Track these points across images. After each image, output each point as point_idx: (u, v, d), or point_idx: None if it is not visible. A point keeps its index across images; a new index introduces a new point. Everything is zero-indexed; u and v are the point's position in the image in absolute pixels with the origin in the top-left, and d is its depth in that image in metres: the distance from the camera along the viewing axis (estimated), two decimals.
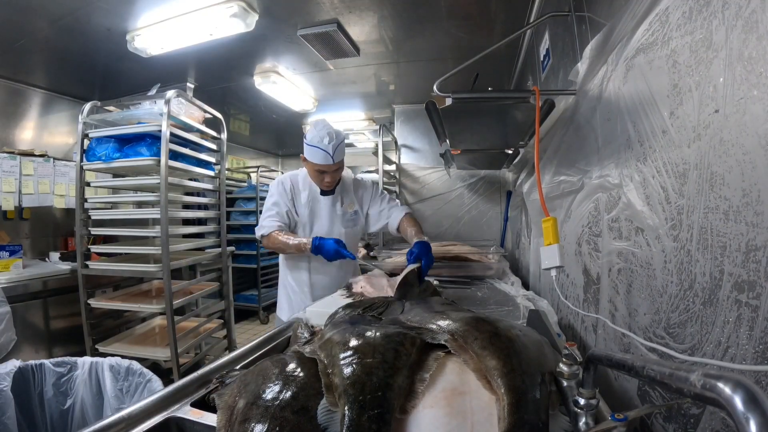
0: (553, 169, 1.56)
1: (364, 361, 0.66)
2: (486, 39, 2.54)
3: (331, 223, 1.91)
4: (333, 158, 1.73)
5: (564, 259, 1.02)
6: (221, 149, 2.93)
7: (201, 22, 2.23)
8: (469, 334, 0.71)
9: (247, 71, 3.15)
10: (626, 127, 0.94)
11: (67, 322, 2.63)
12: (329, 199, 1.91)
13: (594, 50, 1.10)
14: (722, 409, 0.33)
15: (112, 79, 3.15)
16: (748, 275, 0.54)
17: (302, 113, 4.17)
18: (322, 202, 1.90)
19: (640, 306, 0.88)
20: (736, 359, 0.57)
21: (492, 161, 3.64)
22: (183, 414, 0.75)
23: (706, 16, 0.64)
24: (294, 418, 0.61)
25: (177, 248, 2.58)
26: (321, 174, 1.79)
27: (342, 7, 2.22)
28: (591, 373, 0.59)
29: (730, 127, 0.58)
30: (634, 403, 0.87)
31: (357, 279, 1.64)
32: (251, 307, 5.01)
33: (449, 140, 2.45)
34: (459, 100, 1.34)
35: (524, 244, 2.62)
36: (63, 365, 1.76)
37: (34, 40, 2.47)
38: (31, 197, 2.89)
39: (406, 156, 4.04)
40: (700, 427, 0.64)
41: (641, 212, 0.86)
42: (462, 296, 1.64)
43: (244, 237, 4.99)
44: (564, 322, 1.47)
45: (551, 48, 1.76)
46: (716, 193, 0.62)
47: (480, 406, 0.61)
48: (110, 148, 2.46)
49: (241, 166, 5.67)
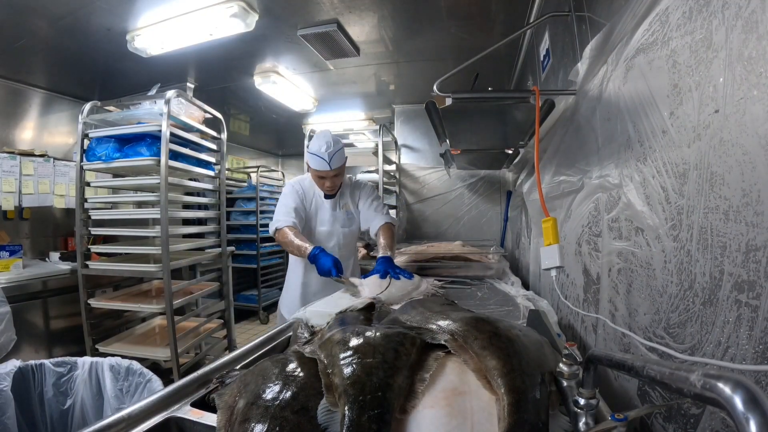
0: (553, 169, 1.56)
1: (364, 361, 0.65)
2: (486, 39, 2.54)
3: (331, 224, 2.05)
4: (330, 165, 1.86)
5: (564, 259, 1.02)
6: (221, 149, 2.93)
7: (201, 22, 2.23)
8: (469, 334, 0.71)
9: (247, 71, 3.16)
10: (626, 127, 0.94)
11: (67, 322, 2.63)
12: (331, 202, 2.05)
13: (594, 50, 1.10)
14: (722, 409, 0.33)
15: (112, 79, 3.15)
16: (748, 275, 0.54)
17: (302, 113, 4.17)
18: (324, 204, 2.05)
19: (640, 306, 0.88)
20: (736, 359, 0.57)
21: (492, 161, 3.63)
22: (183, 414, 0.75)
23: (706, 16, 0.64)
24: (294, 418, 0.61)
25: (177, 248, 2.58)
26: (321, 179, 1.94)
27: (342, 7, 2.22)
28: (591, 373, 0.59)
29: (730, 127, 0.58)
30: (634, 403, 0.87)
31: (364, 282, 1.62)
32: (251, 307, 5.01)
33: (449, 140, 2.45)
34: (459, 100, 1.34)
35: (524, 244, 2.62)
36: (63, 365, 1.75)
37: (34, 40, 2.47)
38: (31, 197, 2.89)
39: (406, 156, 4.03)
40: (700, 427, 0.64)
41: (641, 212, 0.86)
42: (462, 296, 1.65)
43: (244, 237, 4.99)
44: (564, 322, 1.47)
45: (551, 48, 1.76)
46: (716, 193, 0.62)
47: (480, 406, 0.61)
48: (110, 148, 2.46)
49: (241, 166, 5.67)
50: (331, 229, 2.05)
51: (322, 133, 1.91)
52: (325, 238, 2.04)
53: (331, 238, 2.06)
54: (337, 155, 1.87)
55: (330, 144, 1.84)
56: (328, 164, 1.85)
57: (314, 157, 1.87)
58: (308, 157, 1.92)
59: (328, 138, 1.86)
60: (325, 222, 2.04)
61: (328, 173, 1.88)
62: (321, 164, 1.86)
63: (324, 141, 1.85)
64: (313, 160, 1.88)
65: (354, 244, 2.21)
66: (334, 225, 2.05)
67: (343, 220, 2.07)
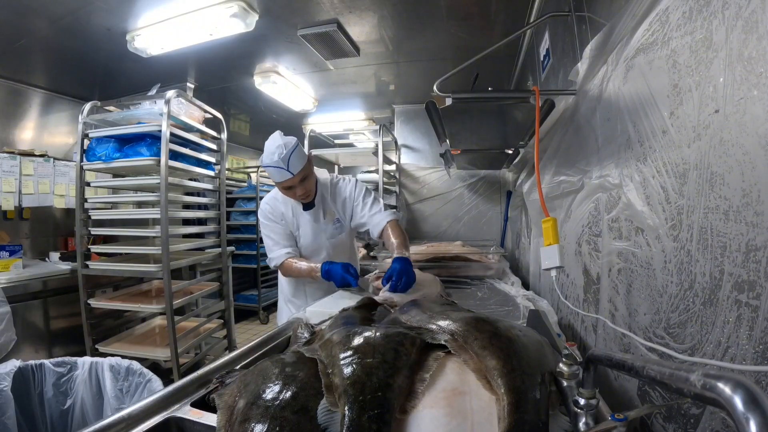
0: (553, 169, 1.56)
1: (364, 361, 0.65)
2: (486, 39, 2.54)
3: (315, 237, 1.86)
4: (290, 170, 1.62)
5: (564, 259, 1.02)
6: (221, 149, 2.93)
7: (201, 22, 2.23)
8: (469, 334, 0.71)
9: (247, 71, 3.15)
10: (626, 127, 0.94)
11: (67, 322, 2.63)
12: (311, 213, 1.84)
13: (594, 50, 1.10)
14: (722, 409, 0.33)
15: (112, 79, 3.15)
16: (748, 275, 0.54)
17: (302, 113, 4.17)
18: (304, 216, 1.84)
19: (640, 306, 0.88)
20: (736, 359, 0.57)
21: (492, 161, 3.64)
22: (183, 414, 0.75)
23: (706, 16, 0.64)
24: (294, 418, 0.61)
25: (177, 248, 2.58)
26: (289, 190, 1.71)
27: (342, 7, 2.22)
28: (591, 373, 0.59)
29: (730, 127, 0.58)
30: (634, 403, 0.87)
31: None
32: (251, 307, 5.01)
33: (449, 140, 2.45)
34: (459, 100, 1.34)
35: (524, 244, 2.62)
36: (63, 365, 1.75)
37: (34, 40, 2.47)
38: (31, 197, 2.89)
39: (406, 156, 4.03)
40: (700, 427, 0.64)
41: (641, 212, 0.86)
42: (462, 296, 1.65)
43: (244, 237, 4.99)
44: (564, 322, 1.47)
45: (551, 48, 1.76)
46: (716, 193, 0.62)
47: (480, 406, 0.61)
48: (110, 148, 2.46)
49: (241, 166, 5.66)
50: (316, 244, 1.86)
51: (271, 138, 1.68)
52: (312, 254, 1.87)
53: (320, 252, 1.87)
54: (294, 156, 1.62)
55: (282, 147, 1.60)
56: (287, 171, 1.62)
57: (271, 170, 1.64)
58: (267, 172, 1.70)
59: (278, 142, 1.63)
60: (309, 237, 1.85)
61: (293, 180, 1.65)
62: (281, 174, 1.63)
63: (275, 147, 1.61)
64: (272, 174, 1.66)
65: (349, 249, 2.03)
66: (319, 238, 1.86)
67: (328, 231, 1.86)
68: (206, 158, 2.80)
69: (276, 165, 1.61)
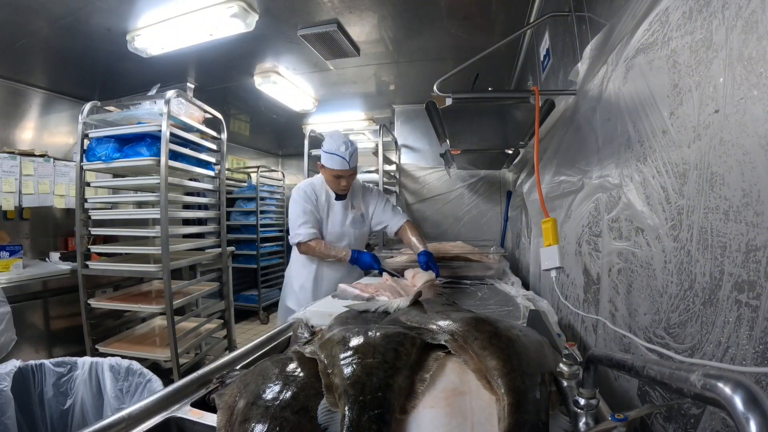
0: (553, 169, 1.56)
1: (364, 361, 0.65)
2: (486, 39, 2.54)
3: (342, 225, 2.09)
4: (349, 164, 1.92)
5: (564, 259, 1.02)
6: (221, 149, 2.92)
7: (201, 22, 2.23)
8: (469, 334, 0.71)
9: (247, 71, 3.15)
10: (626, 127, 0.94)
11: (67, 322, 2.62)
12: (341, 203, 2.09)
13: (594, 50, 1.10)
14: (722, 409, 0.33)
15: (112, 79, 3.15)
16: (748, 275, 0.54)
17: (302, 113, 4.17)
18: (336, 206, 2.09)
19: (640, 306, 0.88)
20: (736, 359, 0.57)
21: (492, 161, 3.64)
22: (183, 414, 0.75)
23: (706, 16, 0.64)
24: (294, 418, 0.60)
25: (177, 248, 2.58)
26: (338, 179, 1.98)
27: (342, 7, 2.22)
28: (591, 373, 0.59)
29: (730, 127, 0.58)
30: (634, 403, 0.87)
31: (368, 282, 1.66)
32: (251, 307, 5.00)
33: (449, 140, 2.45)
34: (459, 100, 1.34)
35: (524, 245, 2.62)
36: (63, 365, 1.75)
37: (34, 40, 2.47)
38: (31, 197, 2.89)
39: (406, 156, 4.03)
40: (700, 427, 0.64)
41: (641, 212, 0.86)
42: (462, 296, 1.65)
43: (244, 237, 4.98)
44: (564, 322, 1.47)
45: (551, 48, 1.76)
46: (716, 193, 0.62)
47: (480, 406, 0.61)
48: (110, 148, 2.46)
49: (241, 166, 5.66)
50: (342, 230, 2.09)
51: (336, 133, 1.97)
52: (336, 239, 2.08)
53: (343, 239, 2.10)
54: (355, 154, 1.95)
55: (348, 143, 1.92)
56: (347, 163, 1.91)
57: (333, 157, 1.91)
58: (325, 158, 1.95)
59: (345, 138, 1.93)
60: (337, 223, 2.08)
61: (346, 172, 1.94)
62: (341, 163, 1.91)
63: (342, 141, 1.91)
64: (331, 160, 1.92)
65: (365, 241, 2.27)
66: (345, 226, 2.09)
67: (354, 220, 2.12)
68: (206, 158, 2.79)
69: (340, 155, 1.90)
